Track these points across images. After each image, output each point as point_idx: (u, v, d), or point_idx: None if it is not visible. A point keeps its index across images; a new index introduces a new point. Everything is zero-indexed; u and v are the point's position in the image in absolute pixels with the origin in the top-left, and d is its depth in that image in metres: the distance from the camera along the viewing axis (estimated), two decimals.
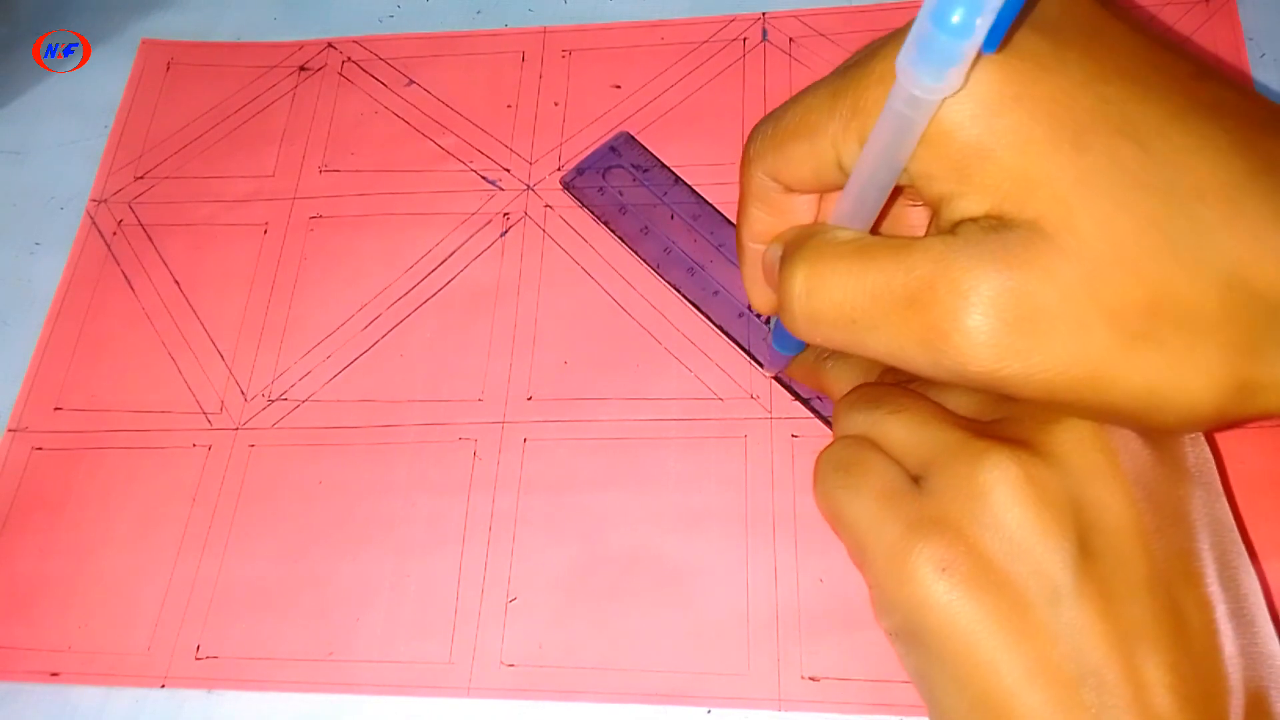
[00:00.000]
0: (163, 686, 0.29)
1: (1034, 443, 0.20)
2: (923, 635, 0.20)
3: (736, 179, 0.34)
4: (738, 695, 0.27)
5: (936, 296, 0.18)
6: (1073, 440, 0.20)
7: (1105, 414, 0.20)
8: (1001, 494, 0.20)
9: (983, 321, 0.18)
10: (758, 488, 0.30)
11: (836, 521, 0.23)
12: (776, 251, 0.23)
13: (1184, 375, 0.18)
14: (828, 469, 0.23)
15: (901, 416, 0.22)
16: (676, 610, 0.28)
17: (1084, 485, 0.20)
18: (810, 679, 0.27)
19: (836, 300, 0.20)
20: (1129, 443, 0.21)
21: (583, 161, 0.33)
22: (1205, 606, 0.20)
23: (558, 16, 0.39)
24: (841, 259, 0.20)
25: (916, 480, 0.21)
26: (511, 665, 0.28)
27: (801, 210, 0.23)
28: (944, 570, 0.20)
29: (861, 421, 0.23)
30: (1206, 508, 0.21)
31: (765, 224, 0.23)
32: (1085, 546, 0.19)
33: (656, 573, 0.29)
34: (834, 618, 0.28)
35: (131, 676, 0.30)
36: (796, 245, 0.21)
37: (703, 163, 0.35)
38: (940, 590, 0.20)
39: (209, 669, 0.29)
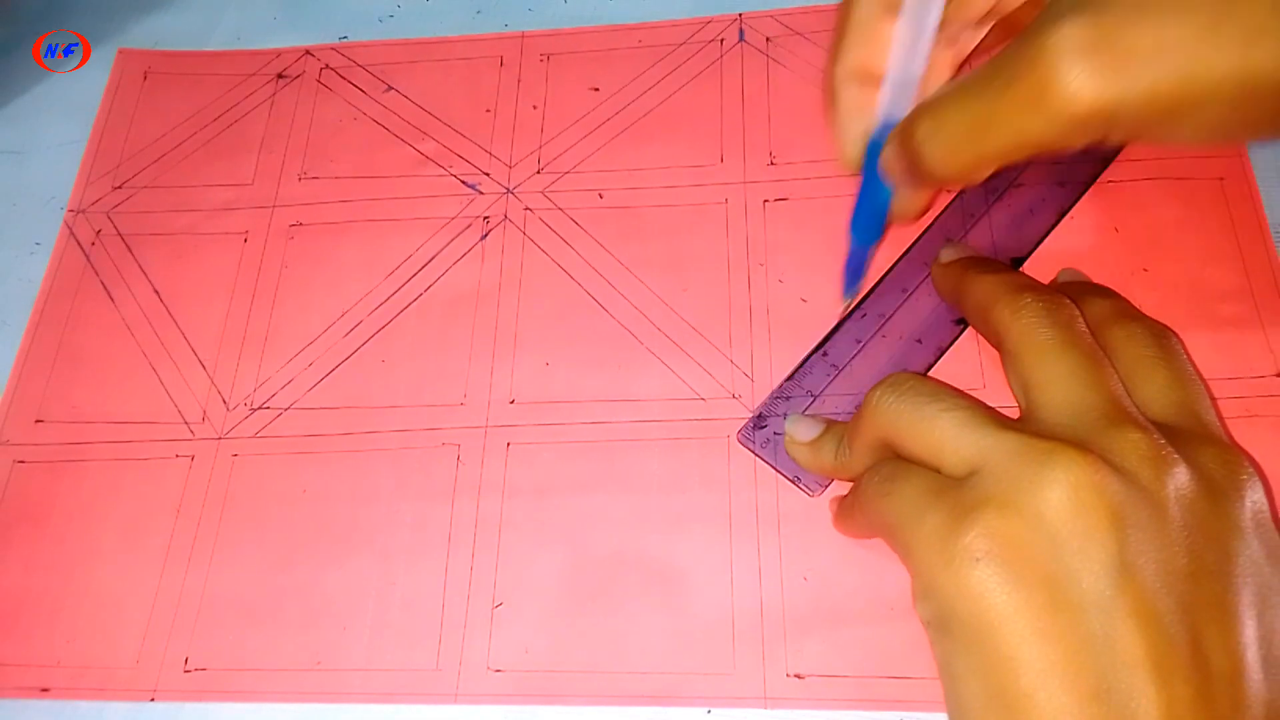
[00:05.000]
0: (152, 700, 0.29)
1: (1102, 450, 0.20)
2: (953, 622, 0.20)
3: (718, 180, 0.34)
4: (724, 695, 0.27)
5: (1037, 63, 0.20)
6: (1138, 457, 0.20)
7: (1201, 124, 0.20)
8: (1059, 492, 0.20)
9: (1078, 62, 0.20)
10: (741, 487, 0.30)
11: (880, 526, 0.23)
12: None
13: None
14: (868, 488, 0.24)
15: (955, 415, 0.22)
16: (662, 611, 0.28)
17: (1137, 505, 0.20)
18: (796, 676, 0.27)
19: (962, 122, 0.23)
20: (1187, 490, 0.21)
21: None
22: (1233, 655, 0.20)
23: (558, 17, 0.39)
24: (950, 96, 0.23)
25: (961, 480, 0.21)
26: (499, 670, 0.28)
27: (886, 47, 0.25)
28: (982, 558, 0.20)
29: (907, 411, 0.23)
30: (1253, 563, 0.21)
31: (860, 56, 0.25)
32: (1126, 564, 0.19)
33: (641, 574, 0.29)
34: (818, 615, 0.28)
35: (121, 690, 0.30)
36: (908, 119, 0.24)
37: (682, 164, 0.35)
38: (976, 577, 0.20)
39: (198, 681, 0.29)
